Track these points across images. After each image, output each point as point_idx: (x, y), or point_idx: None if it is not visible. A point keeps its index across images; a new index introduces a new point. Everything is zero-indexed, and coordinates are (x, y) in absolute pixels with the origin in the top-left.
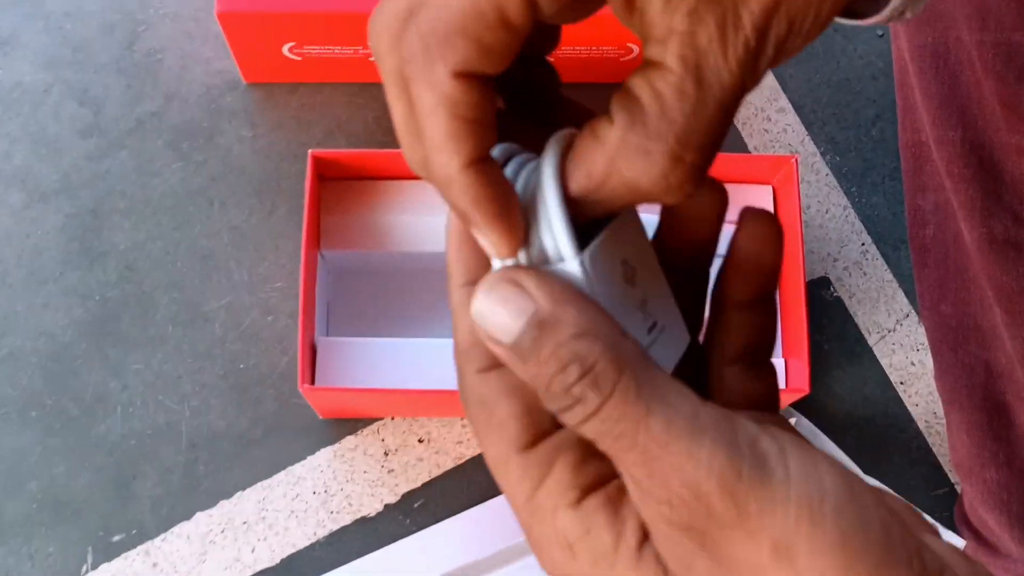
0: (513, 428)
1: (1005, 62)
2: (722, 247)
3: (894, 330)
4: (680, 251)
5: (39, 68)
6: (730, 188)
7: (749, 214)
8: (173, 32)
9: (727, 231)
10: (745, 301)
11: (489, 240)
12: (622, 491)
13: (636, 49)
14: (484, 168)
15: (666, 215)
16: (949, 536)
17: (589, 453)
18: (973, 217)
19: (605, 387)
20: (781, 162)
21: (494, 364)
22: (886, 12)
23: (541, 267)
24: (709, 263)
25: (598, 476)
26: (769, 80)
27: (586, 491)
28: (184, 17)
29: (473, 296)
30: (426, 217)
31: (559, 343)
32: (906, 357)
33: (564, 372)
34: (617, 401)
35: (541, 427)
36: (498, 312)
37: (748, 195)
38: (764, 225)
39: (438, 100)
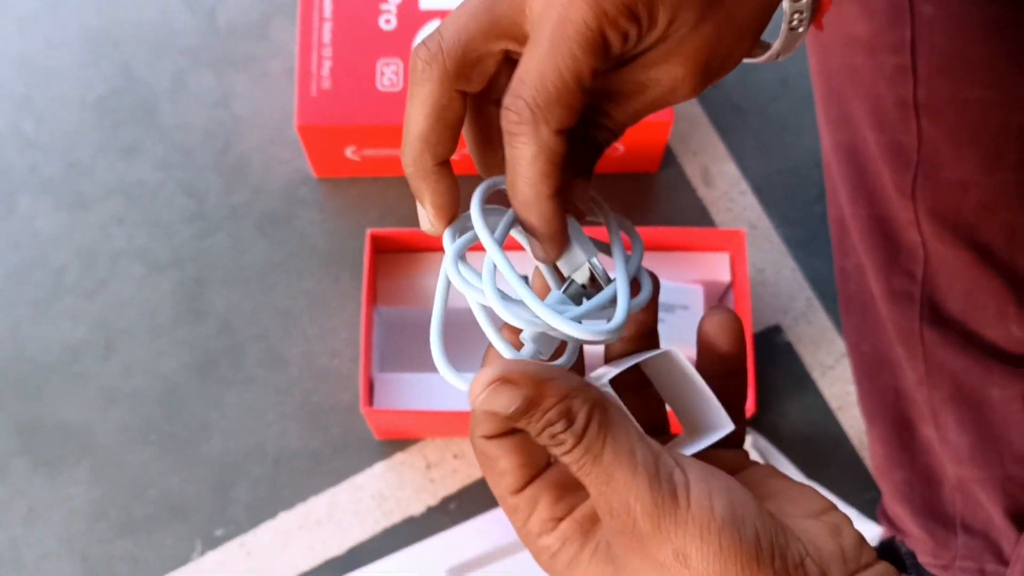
0: (509, 477)
1: (895, 156)
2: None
3: (833, 367)
4: None
5: (155, 169)
6: (695, 256)
7: (712, 309)
8: (259, 139)
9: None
10: (715, 375)
11: (543, 250)
12: (585, 515)
13: (622, 148)
14: (560, 198)
15: None
16: (871, 527)
17: (563, 491)
18: (878, 274)
19: (578, 432)
20: (735, 235)
21: (496, 433)
22: (765, 56)
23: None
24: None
25: (569, 507)
26: (733, 170)
27: (560, 519)
28: (267, 128)
29: (478, 389)
30: None
31: (544, 409)
32: (843, 388)
33: (552, 426)
34: (584, 442)
35: (528, 476)
36: (498, 400)
37: (710, 261)
38: (722, 316)
39: (540, 149)
